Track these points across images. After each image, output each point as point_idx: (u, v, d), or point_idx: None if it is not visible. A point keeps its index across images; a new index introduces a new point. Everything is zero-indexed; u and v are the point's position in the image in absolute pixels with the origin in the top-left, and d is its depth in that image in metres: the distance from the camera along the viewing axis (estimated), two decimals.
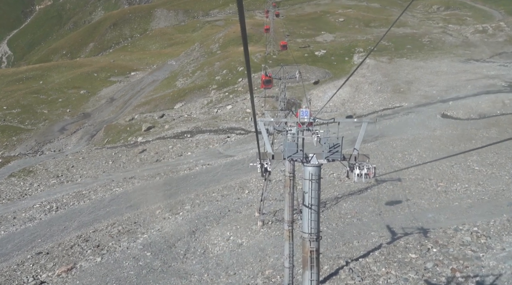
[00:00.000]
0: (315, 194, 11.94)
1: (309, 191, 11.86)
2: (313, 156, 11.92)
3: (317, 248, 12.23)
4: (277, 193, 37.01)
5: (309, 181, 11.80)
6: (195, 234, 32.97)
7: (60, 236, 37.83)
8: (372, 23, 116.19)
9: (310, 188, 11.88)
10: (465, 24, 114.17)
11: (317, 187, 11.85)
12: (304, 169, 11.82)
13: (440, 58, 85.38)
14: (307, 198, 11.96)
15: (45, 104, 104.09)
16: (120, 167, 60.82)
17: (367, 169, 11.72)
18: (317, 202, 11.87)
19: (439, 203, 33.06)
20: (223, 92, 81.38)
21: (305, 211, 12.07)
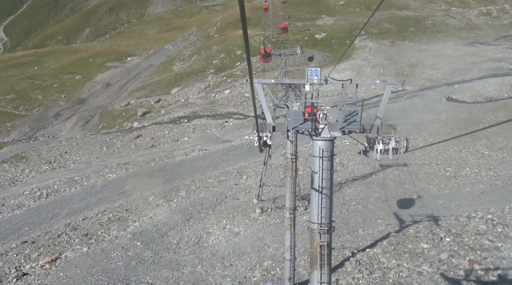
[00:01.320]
0: (327, 174, 9.82)
1: (320, 171, 9.74)
2: (325, 127, 9.86)
3: (329, 242, 10.13)
4: (277, 178, 35.02)
5: (320, 159, 9.69)
6: (189, 222, 31.02)
7: (49, 224, 36.08)
8: (373, 6, 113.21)
9: (320, 167, 9.78)
10: (468, 7, 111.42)
11: (329, 166, 9.75)
12: (314, 143, 9.75)
13: (443, 41, 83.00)
14: (317, 180, 9.87)
15: (39, 89, 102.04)
16: (114, 153, 59.08)
17: (396, 142, 9.65)
18: (329, 185, 9.78)
19: (449, 188, 31.12)
20: (221, 76, 79.22)
21: (314, 196, 9.96)
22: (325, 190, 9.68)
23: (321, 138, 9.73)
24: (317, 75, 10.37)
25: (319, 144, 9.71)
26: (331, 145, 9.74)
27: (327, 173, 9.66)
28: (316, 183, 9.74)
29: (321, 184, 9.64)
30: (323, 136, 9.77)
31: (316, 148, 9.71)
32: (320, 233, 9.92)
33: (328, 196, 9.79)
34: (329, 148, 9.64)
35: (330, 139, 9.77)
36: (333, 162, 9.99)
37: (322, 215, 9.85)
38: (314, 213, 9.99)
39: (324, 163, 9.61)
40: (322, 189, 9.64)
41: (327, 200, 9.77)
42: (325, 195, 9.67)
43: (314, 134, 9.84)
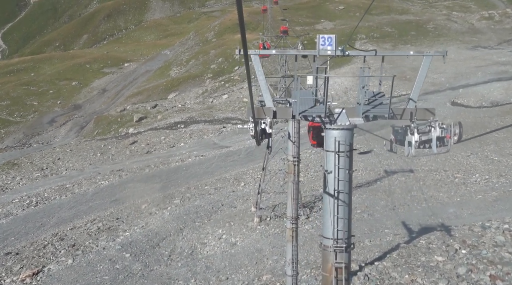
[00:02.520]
0: (344, 174, 7.83)
1: (335, 170, 7.73)
2: (342, 111, 7.97)
3: (347, 263, 8.10)
4: (276, 185, 33.08)
5: (335, 155, 7.70)
6: (182, 231, 29.09)
7: (36, 234, 34.27)
8: (374, 11, 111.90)
9: (336, 165, 7.80)
10: (469, 12, 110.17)
11: (347, 164, 7.77)
12: (327, 134, 7.79)
13: (446, 45, 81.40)
14: (331, 182, 7.89)
15: (35, 95, 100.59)
16: (108, 160, 57.38)
17: (442, 130, 7.76)
18: (347, 188, 7.81)
19: (460, 196, 29.22)
20: (219, 81, 77.57)
21: (328, 203, 7.95)
22: (342, 195, 7.67)
23: (337, 127, 7.75)
24: (331, 45, 8.39)
25: (334, 134, 7.70)
26: (350, 135, 7.81)
27: (345, 173, 7.66)
28: (331, 186, 7.70)
29: (337, 187, 7.61)
30: (340, 124, 7.81)
31: (330, 140, 7.73)
32: (336, 251, 7.84)
33: (347, 203, 7.79)
34: (348, 139, 7.68)
35: (349, 128, 7.79)
36: (353, 158, 8.10)
37: (338, 228, 7.79)
38: (327, 225, 7.91)
39: (341, 160, 7.63)
40: (339, 193, 7.61)
41: (344, 209, 7.74)
42: (342, 202, 7.66)
43: (328, 121, 7.92)
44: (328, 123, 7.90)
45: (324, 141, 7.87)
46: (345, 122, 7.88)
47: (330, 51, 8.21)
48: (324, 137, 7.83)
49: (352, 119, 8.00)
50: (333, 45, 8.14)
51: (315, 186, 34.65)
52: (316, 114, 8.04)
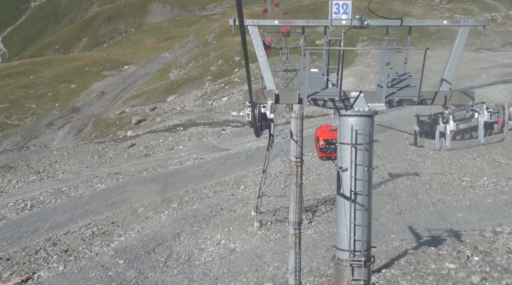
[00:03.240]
0: (363, 172, 6.63)
1: (351, 167, 6.55)
2: (360, 95, 6.84)
3: (367, 281, 6.75)
4: (277, 188, 31.95)
5: (352, 148, 6.50)
6: (180, 237, 27.95)
7: (29, 238, 33.17)
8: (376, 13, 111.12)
9: (353, 160, 6.62)
10: (471, 14, 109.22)
11: (366, 159, 6.57)
12: (342, 122, 6.62)
13: (449, 47, 79.74)
14: (347, 182, 6.67)
15: (33, 98, 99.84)
16: (106, 163, 56.33)
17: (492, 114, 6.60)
18: (367, 189, 6.59)
19: (468, 199, 28.12)
20: (219, 83, 76.59)
21: (343, 206, 6.70)
22: (360, 197, 6.42)
23: (354, 113, 6.56)
24: (346, 13, 7.18)
25: (350, 122, 6.49)
26: (370, 124, 6.65)
27: (364, 170, 6.46)
28: (346, 186, 6.47)
29: (354, 187, 6.40)
30: (358, 110, 6.64)
31: (345, 129, 6.53)
32: (353, 266, 6.56)
33: (366, 207, 6.54)
34: (367, 128, 6.52)
35: (368, 115, 6.63)
36: (373, 152, 6.95)
37: (355, 238, 6.51)
38: (342, 234, 6.61)
39: (358, 154, 6.44)
40: (356, 195, 6.39)
41: (363, 214, 6.48)
42: (360, 206, 6.42)
43: (342, 107, 6.75)
44: (343, 108, 6.71)
45: (338, 131, 6.69)
46: (364, 108, 6.68)
47: (345, 21, 6.99)
48: (338, 127, 6.66)
49: (372, 104, 6.82)
50: (349, 12, 6.91)
51: (317, 189, 33.56)
52: (329, 97, 6.83)
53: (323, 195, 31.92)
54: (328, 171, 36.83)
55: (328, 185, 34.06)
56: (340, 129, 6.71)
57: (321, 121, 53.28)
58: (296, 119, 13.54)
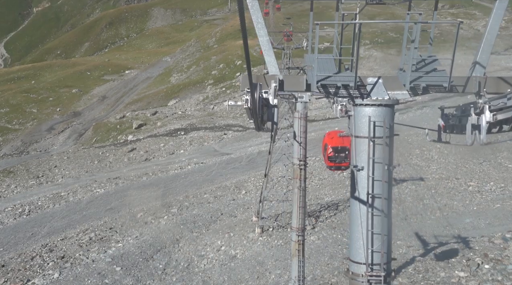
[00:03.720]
0: (382, 172, 5.85)
1: (369, 165, 5.78)
2: (378, 81, 6.11)
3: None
4: (279, 192, 31.19)
5: (370, 142, 5.74)
6: (179, 243, 27.21)
7: (26, 244, 32.50)
8: (377, 18, 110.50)
9: (371, 157, 5.85)
10: (474, 19, 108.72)
11: (387, 156, 5.81)
12: (357, 113, 5.90)
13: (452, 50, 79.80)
14: (363, 183, 5.87)
15: (34, 103, 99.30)
16: (105, 167, 55.72)
17: None
18: (386, 192, 5.81)
19: (476, 205, 27.36)
20: (220, 87, 75.97)
21: (359, 212, 5.89)
22: (378, 201, 5.66)
23: (372, 102, 5.82)
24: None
25: (368, 113, 5.76)
26: (391, 114, 5.90)
27: (383, 169, 5.71)
28: (362, 188, 5.68)
29: (372, 189, 5.62)
30: (376, 98, 5.89)
31: (361, 121, 5.80)
32: (371, 282, 5.75)
33: (385, 212, 5.77)
34: (388, 120, 5.78)
35: (388, 104, 5.89)
36: (393, 147, 6.20)
37: (373, 249, 5.71)
38: (357, 244, 5.81)
39: (377, 150, 5.69)
40: (374, 199, 5.61)
41: (382, 221, 5.70)
42: (379, 211, 5.65)
43: (357, 95, 6.02)
44: (358, 97, 5.95)
45: (353, 122, 5.95)
46: (383, 96, 5.92)
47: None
48: (353, 118, 5.91)
49: (393, 92, 6.05)
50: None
51: (320, 194, 32.82)
52: (342, 83, 6.09)
53: (326, 200, 31.18)
54: (331, 176, 36.10)
55: (331, 190, 33.34)
56: (355, 120, 5.96)
57: (323, 125, 52.60)
58: (300, 119, 12.83)
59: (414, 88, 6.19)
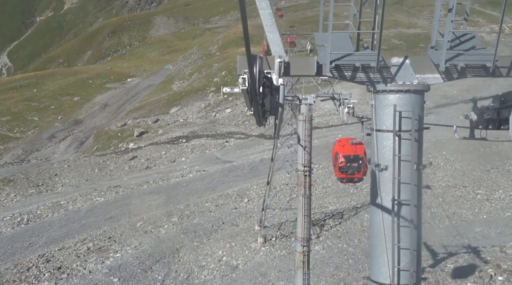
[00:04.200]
0: (411, 172, 5.01)
1: (395, 164, 4.93)
2: (405, 61, 5.33)
3: None
4: (282, 201, 30.39)
5: (395, 137, 4.90)
6: (179, 253, 26.38)
7: (23, 254, 31.69)
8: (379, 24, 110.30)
9: (396, 154, 4.99)
10: (477, 25, 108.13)
11: (415, 154, 4.95)
12: (379, 101, 5.05)
13: None
14: (387, 186, 4.99)
15: (36, 111, 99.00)
16: (106, 175, 55.13)
17: None
18: (416, 197, 4.98)
19: (486, 213, 26.54)
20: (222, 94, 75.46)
21: (382, 221, 4.96)
22: (406, 209, 4.79)
23: (397, 87, 4.98)
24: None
25: (392, 101, 4.90)
26: (420, 103, 5.08)
27: (412, 168, 4.87)
28: (386, 193, 4.79)
29: (398, 195, 4.75)
30: (403, 83, 5.07)
31: (384, 112, 4.96)
32: None
33: (414, 223, 4.90)
34: (417, 110, 4.94)
35: (417, 90, 5.06)
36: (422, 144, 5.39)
37: (400, 267, 4.75)
38: (379, 261, 4.78)
39: (403, 146, 4.86)
40: (400, 206, 4.72)
41: (411, 233, 4.82)
42: (406, 221, 4.79)
43: (380, 79, 5.19)
44: (380, 82, 5.13)
45: (374, 113, 5.13)
46: (412, 80, 5.10)
47: None
48: (374, 108, 5.09)
49: (423, 75, 5.24)
50: None
51: (324, 203, 31.99)
52: (361, 63, 5.28)
53: (330, 209, 30.36)
54: (335, 184, 35.31)
55: (336, 198, 32.54)
56: (376, 110, 5.12)
57: (326, 132, 51.89)
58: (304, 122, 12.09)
59: (449, 71, 5.33)
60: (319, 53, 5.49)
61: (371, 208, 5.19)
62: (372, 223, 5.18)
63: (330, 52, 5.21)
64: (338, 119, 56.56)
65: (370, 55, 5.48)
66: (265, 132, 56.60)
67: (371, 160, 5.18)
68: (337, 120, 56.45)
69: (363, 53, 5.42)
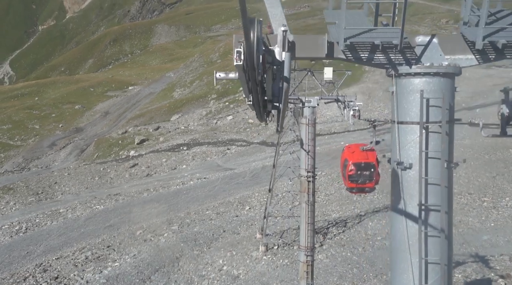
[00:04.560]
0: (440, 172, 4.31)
1: (421, 163, 4.26)
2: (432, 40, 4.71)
3: None
4: (285, 208, 29.78)
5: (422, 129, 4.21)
6: (178, 261, 25.76)
7: (20, 263, 31.19)
8: None
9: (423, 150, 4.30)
10: None
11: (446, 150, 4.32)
12: (400, 86, 4.40)
13: None
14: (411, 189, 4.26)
15: (37, 119, 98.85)
16: (106, 183, 54.60)
17: None
18: (446, 200, 4.27)
19: (493, 221, 25.95)
20: (223, 102, 75.07)
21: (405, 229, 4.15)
22: (435, 216, 4.01)
23: (424, 69, 4.33)
24: None
25: (418, 86, 4.24)
26: (451, 89, 4.46)
27: (442, 167, 4.24)
28: (410, 196, 4.06)
29: (425, 198, 4.03)
30: (430, 65, 4.44)
31: (407, 99, 4.31)
32: None
33: (445, 232, 4.14)
34: (447, 97, 4.32)
35: (448, 73, 4.42)
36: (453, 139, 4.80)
37: (427, 283, 3.93)
38: (402, 279, 3.93)
39: (432, 140, 4.21)
40: (428, 212, 3.96)
41: (441, 244, 4.02)
42: (436, 231, 4.01)
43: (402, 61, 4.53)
44: (403, 64, 4.48)
45: (395, 101, 4.50)
46: (441, 61, 4.46)
47: None
48: (394, 94, 4.46)
49: (454, 56, 4.62)
50: None
51: (327, 210, 31.37)
52: (381, 40, 4.61)
53: (333, 217, 29.75)
54: (338, 191, 34.73)
55: (339, 206, 31.93)
56: (399, 99, 4.47)
57: (329, 139, 51.34)
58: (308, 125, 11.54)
59: (485, 51, 4.64)
60: (330, 31, 4.84)
61: (392, 215, 4.46)
62: (393, 232, 4.41)
63: (344, 27, 4.50)
64: (341, 126, 56.07)
65: (392, 30, 4.83)
66: (267, 140, 56.13)
67: (392, 157, 4.54)
68: (339, 127, 55.96)
69: (384, 28, 4.71)
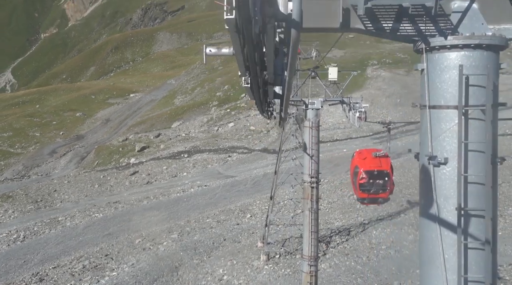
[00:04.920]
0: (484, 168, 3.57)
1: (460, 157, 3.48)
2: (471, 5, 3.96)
3: None
4: (286, 216, 29.13)
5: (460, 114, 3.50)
6: (178, 271, 25.15)
7: (18, 273, 30.74)
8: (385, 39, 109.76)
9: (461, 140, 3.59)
10: None
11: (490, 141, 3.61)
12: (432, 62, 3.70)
13: None
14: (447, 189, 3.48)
15: (38, 127, 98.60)
16: (106, 191, 54.07)
17: None
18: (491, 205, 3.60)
19: (500, 230, 25.21)
20: (225, 108, 74.62)
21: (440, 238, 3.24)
22: (477, 222, 3.32)
23: (462, 41, 3.61)
24: None
25: (454, 61, 3.50)
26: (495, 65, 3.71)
27: (486, 162, 3.52)
28: (445, 199, 3.36)
29: (464, 201, 3.29)
30: (471, 35, 3.70)
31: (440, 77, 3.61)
32: None
33: (490, 242, 3.42)
34: (492, 75, 3.59)
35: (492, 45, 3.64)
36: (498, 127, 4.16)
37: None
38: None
39: (473, 128, 3.49)
40: (469, 217, 3.28)
41: (485, 258, 3.29)
42: (478, 242, 3.30)
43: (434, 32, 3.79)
44: (436, 35, 3.75)
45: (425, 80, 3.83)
46: (483, 31, 3.68)
47: None
48: (425, 72, 3.79)
49: (499, 26, 3.84)
50: None
51: (329, 218, 30.73)
52: (411, 3, 3.84)
53: (336, 225, 29.13)
54: (340, 199, 34.13)
55: (341, 214, 31.30)
56: (431, 78, 3.79)
57: (331, 146, 50.76)
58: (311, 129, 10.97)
59: None
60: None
61: (421, 221, 3.74)
62: (423, 243, 3.67)
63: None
64: (343, 133, 55.51)
65: None
66: (269, 147, 55.59)
67: (421, 151, 3.88)
68: (342, 134, 55.41)
69: None
